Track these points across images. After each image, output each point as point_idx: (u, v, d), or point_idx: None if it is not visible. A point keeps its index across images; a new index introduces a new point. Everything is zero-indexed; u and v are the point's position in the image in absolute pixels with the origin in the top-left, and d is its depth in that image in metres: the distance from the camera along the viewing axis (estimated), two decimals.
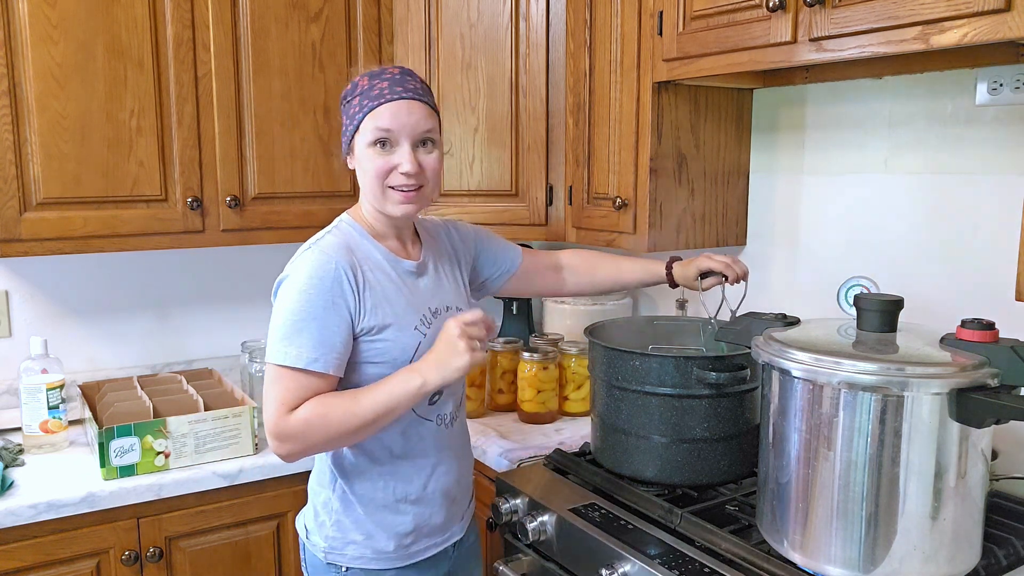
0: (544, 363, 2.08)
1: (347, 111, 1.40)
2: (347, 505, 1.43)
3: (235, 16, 1.99)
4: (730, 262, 1.64)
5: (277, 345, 1.31)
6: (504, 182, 2.15)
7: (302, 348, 1.29)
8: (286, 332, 1.31)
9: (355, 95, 1.38)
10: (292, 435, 1.30)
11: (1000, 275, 1.53)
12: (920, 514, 1.14)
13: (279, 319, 1.32)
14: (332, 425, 1.30)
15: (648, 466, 1.56)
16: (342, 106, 1.42)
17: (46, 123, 1.81)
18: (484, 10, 2.10)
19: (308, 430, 1.30)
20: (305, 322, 1.30)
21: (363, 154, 1.38)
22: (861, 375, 1.12)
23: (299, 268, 1.34)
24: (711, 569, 1.28)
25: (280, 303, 1.34)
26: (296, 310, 1.31)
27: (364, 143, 1.37)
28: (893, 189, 1.71)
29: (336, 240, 1.38)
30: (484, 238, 1.67)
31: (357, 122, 1.37)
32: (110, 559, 1.73)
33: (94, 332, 2.23)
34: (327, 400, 1.31)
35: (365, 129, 1.36)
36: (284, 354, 1.30)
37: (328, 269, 1.32)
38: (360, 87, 1.38)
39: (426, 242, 1.52)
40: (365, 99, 1.37)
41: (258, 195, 2.07)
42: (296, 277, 1.33)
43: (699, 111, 1.89)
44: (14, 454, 1.83)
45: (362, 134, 1.37)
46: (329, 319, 1.31)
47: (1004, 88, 1.50)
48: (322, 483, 1.46)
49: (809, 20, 1.40)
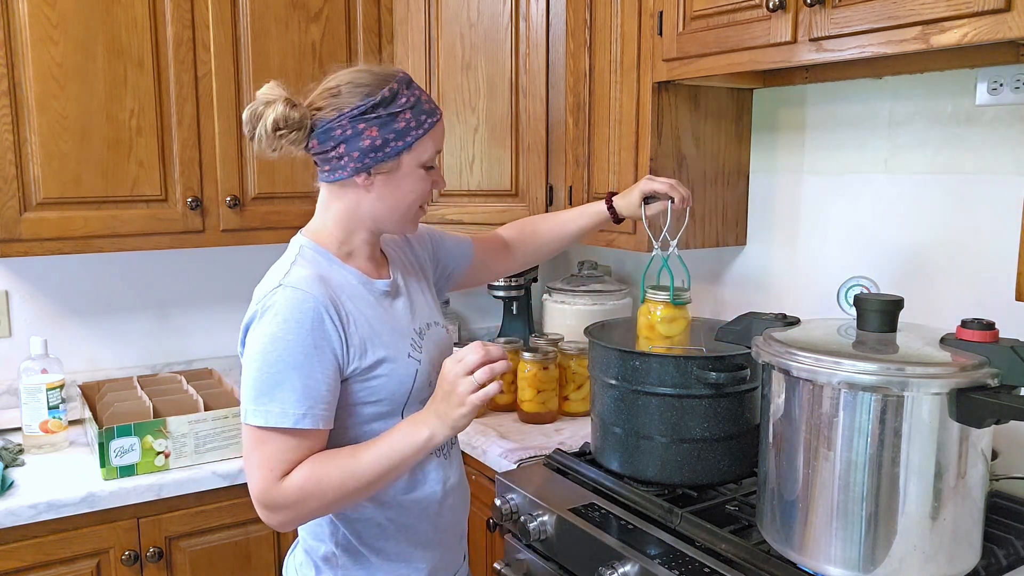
0: (544, 363, 2.08)
1: (388, 123, 1.20)
2: (355, 557, 1.29)
3: (235, 16, 1.99)
4: (674, 183, 1.54)
5: (254, 403, 1.14)
6: (504, 182, 2.15)
7: (285, 404, 1.13)
8: (263, 387, 1.14)
9: (403, 105, 1.21)
10: (285, 505, 1.15)
11: (1000, 275, 1.53)
12: (920, 514, 1.14)
13: (252, 372, 1.15)
14: (330, 490, 1.15)
15: (648, 466, 1.55)
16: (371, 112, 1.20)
17: (46, 123, 1.81)
18: (484, 10, 2.10)
19: (304, 498, 1.15)
20: (284, 373, 1.14)
21: (412, 175, 1.24)
22: (861, 375, 1.12)
23: (270, 311, 1.16)
24: (711, 569, 1.28)
25: (252, 353, 1.16)
26: (273, 361, 1.14)
27: (416, 163, 1.23)
28: (893, 189, 1.71)
29: (306, 272, 1.20)
30: (437, 236, 1.55)
31: (414, 139, 1.22)
32: (110, 559, 1.73)
33: (94, 332, 2.23)
34: (322, 461, 1.16)
35: (423, 149, 1.23)
36: (265, 413, 1.14)
37: (305, 309, 1.16)
38: (406, 96, 1.22)
39: (389, 256, 1.39)
40: (421, 114, 1.22)
41: (258, 195, 2.07)
42: (268, 322, 1.15)
43: (699, 111, 1.89)
44: (14, 454, 1.83)
45: (417, 152, 1.23)
46: (312, 367, 1.15)
47: (1004, 88, 1.50)
48: (319, 536, 1.30)
49: (809, 20, 1.40)
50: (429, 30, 2.16)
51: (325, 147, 1.22)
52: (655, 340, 1.58)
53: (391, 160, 1.22)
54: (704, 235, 1.96)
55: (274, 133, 1.20)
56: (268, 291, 1.19)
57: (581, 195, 2.03)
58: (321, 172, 1.27)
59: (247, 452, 1.18)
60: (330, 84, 1.23)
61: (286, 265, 1.23)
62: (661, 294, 1.57)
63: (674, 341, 1.57)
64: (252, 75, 2.02)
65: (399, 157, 1.22)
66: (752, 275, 2.06)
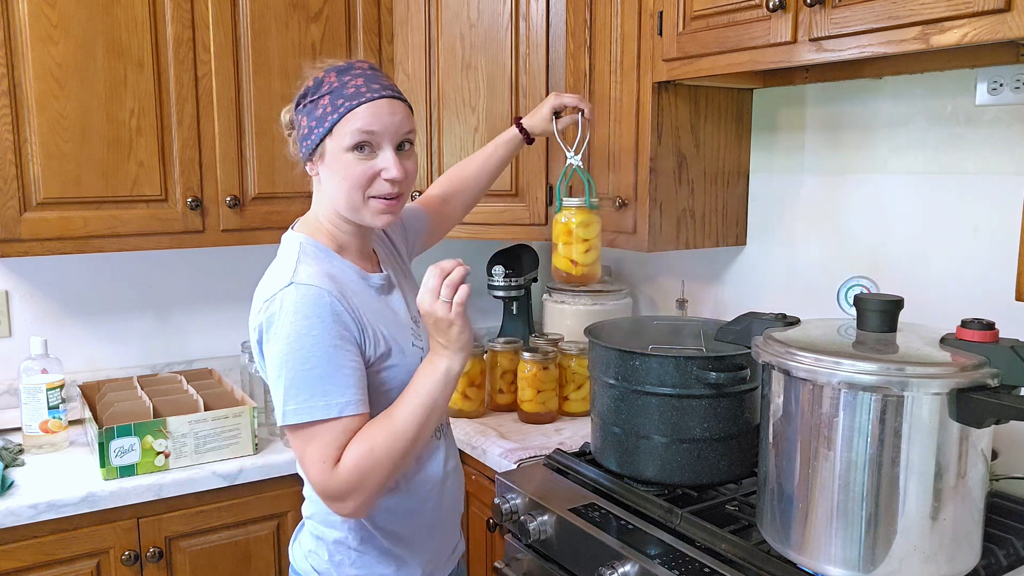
0: (544, 363, 2.08)
1: (310, 111, 1.25)
2: (367, 538, 1.31)
3: (235, 16, 1.99)
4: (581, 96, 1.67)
5: (296, 403, 1.16)
6: (504, 182, 2.15)
7: (328, 396, 1.16)
8: (302, 385, 1.16)
9: (321, 93, 1.24)
10: (349, 489, 1.17)
11: (1000, 275, 1.53)
12: (920, 514, 1.14)
13: (287, 374, 1.17)
14: (385, 458, 1.17)
15: (648, 466, 1.56)
16: (301, 106, 1.27)
17: (46, 123, 1.81)
18: (484, 10, 2.10)
19: (364, 475, 1.17)
20: (319, 368, 1.16)
21: (338, 160, 1.24)
22: (861, 375, 1.12)
23: (287, 310, 1.17)
24: (711, 569, 1.28)
25: (279, 356, 1.17)
26: (304, 358, 1.16)
27: (340, 147, 1.23)
28: (893, 189, 1.71)
29: (314, 269, 1.22)
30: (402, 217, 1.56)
31: (330, 124, 1.23)
32: (110, 559, 1.73)
33: (94, 332, 2.23)
34: (364, 436, 1.18)
35: (342, 132, 1.22)
36: (309, 410, 1.16)
37: (323, 304, 1.18)
38: (328, 84, 1.24)
39: (377, 249, 1.42)
40: (338, 98, 1.23)
41: (258, 195, 2.07)
42: (288, 322, 1.17)
43: (699, 111, 1.89)
44: (14, 454, 1.83)
45: (337, 137, 1.23)
46: (342, 357, 1.18)
47: (1004, 88, 1.50)
48: (330, 523, 1.32)
49: (809, 20, 1.40)
50: (429, 30, 2.16)
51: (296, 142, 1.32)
52: (573, 243, 1.68)
53: (318, 146, 1.26)
54: (704, 235, 1.96)
55: (287, 135, 1.33)
56: (277, 291, 1.19)
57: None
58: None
59: (300, 453, 1.20)
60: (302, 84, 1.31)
61: (291, 263, 1.23)
62: (576, 200, 1.68)
63: (591, 244, 1.68)
64: (252, 75, 2.02)
65: (323, 142, 1.25)
66: (752, 275, 2.06)
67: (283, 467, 1.88)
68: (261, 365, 1.25)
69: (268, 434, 2.02)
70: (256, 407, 1.90)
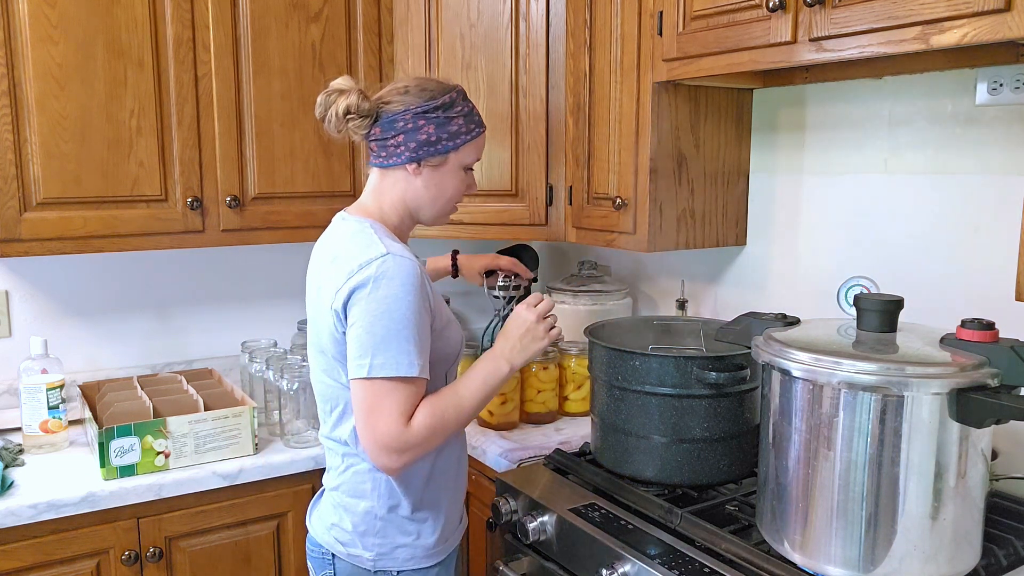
0: (544, 363, 2.08)
1: (442, 124, 1.40)
2: (394, 507, 1.43)
3: (235, 16, 1.99)
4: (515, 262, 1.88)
5: (386, 356, 1.30)
6: (504, 182, 2.15)
7: (412, 356, 1.30)
8: (393, 343, 1.30)
9: (458, 112, 1.41)
10: (415, 444, 1.32)
11: (1000, 275, 1.53)
12: (920, 514, 1.14)
13: (378, 330, 1.30)
14: (451, 423, 1.35)
15: (648, 466, 1.56)
16: (432, 112, 1.40)
17: (46, 123, 1.81)
18: (484, 10, 2.10)
19: (431, 434, 1.33)
20: (407, 330, 1.30)
21: (453, 173, 1.44)
22: (861, 375, 1.12)
23: (388, 275, 1.31)
24: (711, 569, 1.28)
25: (373, 314, 1.30)
26: (398, 319, 1.30)
27: (459, 164, 1.44)
28: (893, 189, 1.71)
29: (399, 245, 1.38)
30: None
31: (462, 142, 1.42)
32: (110, 559, 1.73)
33: (94, 332, 2.23)
34: (435, 402, 1.35)
35: (468, 152, 1.43)
36: (395, 365, 1.29)
37: (416, 274, 1.33)
38: (461, 106, 1.42)
39: None
40: (471, 123, 1.43)
41: (258, 195, 2.07)
42: (386, 286, 1.31)
43: (699, 111, 1.89)
44: (14, 454, 1.83)
45: (463, 154, 1.43)
46: (423, 324, 1.33)
47: (1004, 88, 1.50)
48: (360, 494, 1.43)
49: (809, 20, 1.40)
50: (429, 30, 2.16)
51: (386, 135, 1.41)
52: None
53: (440, 156, 1.42)
54: (704, 235, 1.96)
55: (344, 117, 1.39)
56: (374, 258, 1.33)
57: (581, 195, 2.03)
58: (376, 157, 1.45)
59: (370, 405, 1.31)
60: (399, 84, 1.43)
61: (375, 239, 1.36)
62: None
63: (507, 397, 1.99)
64: (252, 75, 2.02)
65: (447, 154, 1.42)
66: (752, 275, 2.06)
67: (283, 467, 1.88)
68: (337, 325, 1.35)
69: (268, 434, 2.02)
70: (256, 407, 1.90)
